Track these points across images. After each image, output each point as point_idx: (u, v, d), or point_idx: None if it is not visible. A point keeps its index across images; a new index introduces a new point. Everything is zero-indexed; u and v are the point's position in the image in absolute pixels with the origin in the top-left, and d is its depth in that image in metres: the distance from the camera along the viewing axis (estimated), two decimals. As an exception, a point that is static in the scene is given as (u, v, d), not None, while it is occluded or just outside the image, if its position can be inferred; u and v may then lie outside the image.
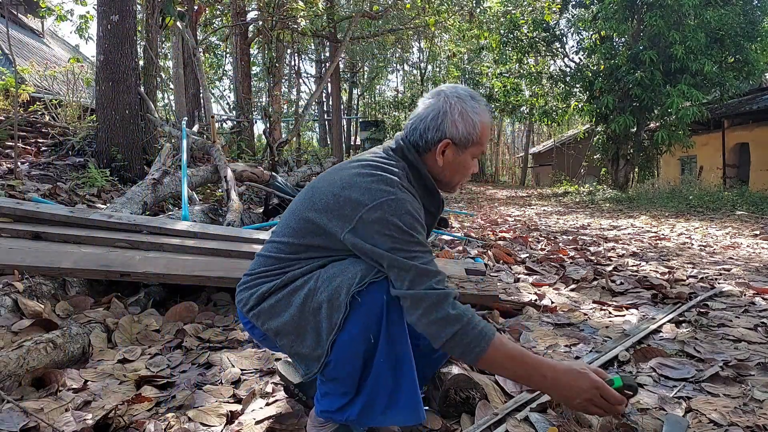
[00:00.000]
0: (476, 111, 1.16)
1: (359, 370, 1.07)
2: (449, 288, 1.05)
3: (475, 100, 1.18)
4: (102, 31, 5.05)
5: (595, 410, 1.05)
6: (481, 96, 1.22)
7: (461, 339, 1.01)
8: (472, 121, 1.16)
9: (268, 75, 11.33)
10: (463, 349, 1.02)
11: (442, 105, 1.16)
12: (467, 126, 1.15)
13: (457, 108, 1.15)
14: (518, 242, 4.72)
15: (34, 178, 4.50)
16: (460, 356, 1.04)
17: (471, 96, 1.18)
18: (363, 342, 1.05)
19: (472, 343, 1.02)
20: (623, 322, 2.18)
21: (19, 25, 13.20)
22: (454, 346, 1.02)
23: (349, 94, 24.28)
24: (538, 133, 32.72)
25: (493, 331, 1.04)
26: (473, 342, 1.02)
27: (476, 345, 1.02)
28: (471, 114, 1.16)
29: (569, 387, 1.04)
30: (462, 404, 1.34)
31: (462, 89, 1.19)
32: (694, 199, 9.42)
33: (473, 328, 1.02)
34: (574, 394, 1.04)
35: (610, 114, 12.44)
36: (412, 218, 1.05)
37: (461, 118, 1.15)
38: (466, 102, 1.16)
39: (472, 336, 1.02)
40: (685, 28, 10.95)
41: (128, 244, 2.46)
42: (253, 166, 5.66)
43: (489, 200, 12.87)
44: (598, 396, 1.04)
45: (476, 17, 13.97)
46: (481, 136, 1.18)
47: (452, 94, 1.17)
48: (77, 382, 1.52)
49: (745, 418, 1.28)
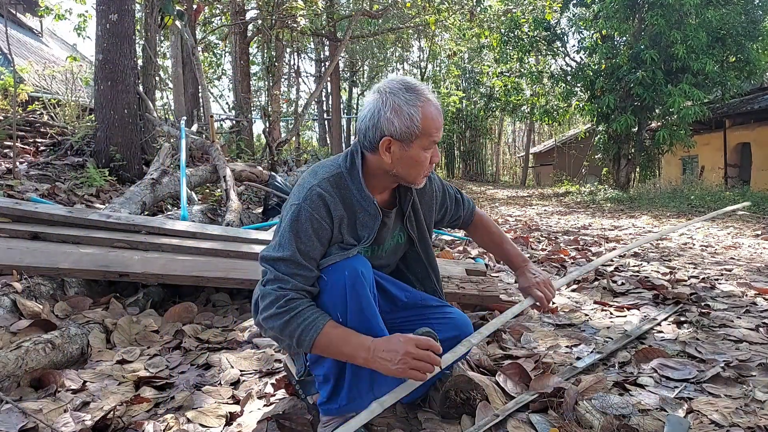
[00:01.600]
0: (411, 102, 1.12)
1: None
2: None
3: (411, 91, 1.13)
4: (101, 30, 5.04)
5: (416, 363, 1.03)
6: (422, 84, 1.16)
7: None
8: (408, 114, 1.11)
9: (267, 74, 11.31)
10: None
11: (376, 102, 1.13)
12: (403, 120, 1.11)
13: (390, 103, 1.12)
14: (519, 242, 4.71)
15: (33, 177, 4.49)
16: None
17: (406, 88, 1.13)
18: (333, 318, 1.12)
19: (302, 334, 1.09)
20: (624, 322, 2.17)
21: (18, 24, 13.19)
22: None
23: (349, 94, 24.27)
24: (539, 132, 32.70)
25: (322, 323, 1.09)
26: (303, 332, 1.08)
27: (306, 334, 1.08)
28: (405, 107, 1.11)
29: (387, 350, 1.05)
30: (462, 405, 1.34)
31: (397, 82, 1.15)
32: (696, 199, 9.41)
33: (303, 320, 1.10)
34: (392, 355, 1.04)
35: (612, 113, 12.41)
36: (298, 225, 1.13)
37: (394, 113, 1.11)
38: (399, 95, 1.12)
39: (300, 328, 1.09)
40: (687, 27, 10.92)
41: (127, 244, 2.45)
42: (253, 166, 5.65)
43: (490, 200, 12.86)
44: (413, 346, 1.04)
45: (477, 16, 13.95)
46: (423, 127, 1.13)
47: (386, 89, 1.14)
48: (76, 383, 1.51)
49: (747, 419, 1.28)
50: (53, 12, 9.09)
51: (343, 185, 1.18)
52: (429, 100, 1.14)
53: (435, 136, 1.16)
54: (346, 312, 1.12)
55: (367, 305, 1.13)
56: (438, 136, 1.17)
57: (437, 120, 1.15)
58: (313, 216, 1.13)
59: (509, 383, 1.49)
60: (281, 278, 1.12)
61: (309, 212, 1.13)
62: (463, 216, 1.53)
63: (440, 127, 1.17)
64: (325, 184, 1.16)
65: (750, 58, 11.26)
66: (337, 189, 1.17)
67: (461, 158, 25.79)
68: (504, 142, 33.26)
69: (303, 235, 1.12)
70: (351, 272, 1.12)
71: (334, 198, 1.16)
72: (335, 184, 1.18)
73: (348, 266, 1.13)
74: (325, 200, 1.15)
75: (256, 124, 13.53)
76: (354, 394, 1.12)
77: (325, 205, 1.15)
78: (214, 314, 2.26)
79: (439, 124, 1.16)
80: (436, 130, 1.15)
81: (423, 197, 1.36)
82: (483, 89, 22.64)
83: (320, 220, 1.14)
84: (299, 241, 1.12)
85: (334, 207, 1.15)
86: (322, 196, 1.14)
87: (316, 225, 1.13)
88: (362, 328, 1.11)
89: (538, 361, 1.67)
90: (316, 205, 1.14)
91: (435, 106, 1.15)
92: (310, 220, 1.13)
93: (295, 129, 10.66)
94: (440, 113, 1.17)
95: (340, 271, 1.13)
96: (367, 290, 1.13)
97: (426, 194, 1.37)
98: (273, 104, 9.46)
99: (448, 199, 1.48)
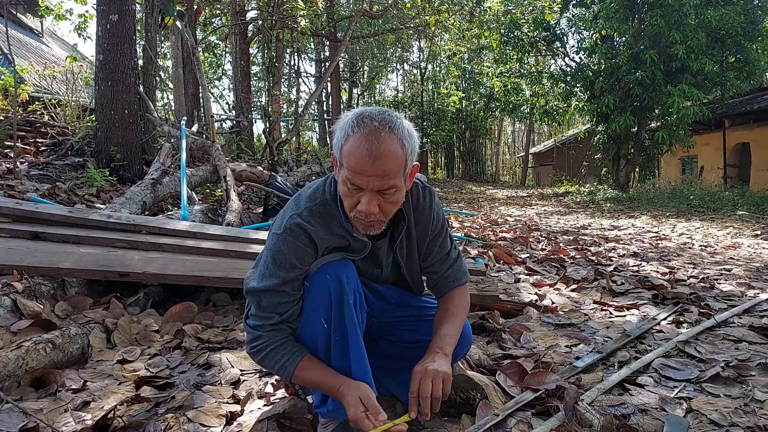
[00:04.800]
0: (344, 128, 1.05)
1: (324, 359, 1.15)
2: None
3: (356, 119, 1.04)
4: (101, 31, 5.04)
5: (364, 420, 1.03)
6: (386, 122, 1.03)
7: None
8: (337, 137, 1.07)
9: (267, 74, 11.31)
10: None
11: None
12: (336, 140, 1.07)
13: (342, 119, 1.09)
14: (519, 242, 4.71)
15: (33, 177, 4.50)
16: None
17: (359, 114, 1.05)
18: (318, 325, 1.13)
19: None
20: (624, 322, 2.17)
21: (19, 25, 13.19)
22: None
23: (349, 94, 24.26)
24: (538, 132, 32.71)
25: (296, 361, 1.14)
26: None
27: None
28: (339, 129, 1.07)
29: (348, 402, 1.06)
30: (462, 405, 1.34)
31: (365, 108, 1.08)
32: (695, 199, 9.41)
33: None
34: (350, 408, 1.05)
35: (611, 114, 12.42)
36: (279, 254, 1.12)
37: (336, 132, 1.08)
38: (349, 116, 1.07)
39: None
40: (686, 27, 10.93)
41: (127, 244, 2.46)
42: (253, 166, 5.65)
43: (489, 200, 12.86)
44: (363, 414, 1.03)
45: (477, 17, 13.94)
46: (343, 155, 1.04)
47: (355, 109, 1.10)
48: (76, 383, 1.52)
49: (746, 419, 1.28)
50: (53, 12, 9.11)
51: (329, 213, 1.14)
52: (364, 135, 1.01)
53: (354, 178, 1.03)
54: (330, 318, 1.12)
55: (349, 318, 1.12)
56: (358, 180, 1.03)
57: (360, 159, 1.00)
58: (295, 244, 1.12)
59: (509, 383, 1.49)
60: (262, 315, 1.14)
61: (291, 241, 1.11)
62: (440, 279, 1.33)
63: (362, 170, 1.01)
64: (306, 215, 1.13)
65: (749, 58, 11.28)
66: (321, 218, 1.14)
67: (461, 158, 25.79)
68: (504, 142, 33.26)
69: (286, 263, 1.12)
70: (333, 277, 1.12)
71: (316, 228, 1.13)
72: (318, 213, 1.14)
73: (329, 270, 1.13)
74: (306, 230, 1.12)
75: (256, 124, 13.56)
76: (338, 402, 1.13)
77: (307, 234, 1.12)
78: (215, 314, 2.26)
79: (360, 167, 1.01)
80: (355, 169, 1.02)
81: (420, 218, 1.26)
82: (483, 90, 22.62)
83: (303, 247, 1.12)
84: (281, 270, 1.11)
85: (317, 236, 1.13)
86: (302, 226, 1.12)
87: (300, 253, 1.12)
88: (340, 335, 1.13)
89: (537, 361, 1.67)
90: (297, 234, 1.12)
91: (369, 146, 1.00)
92: (293, 248, 1.11)
93: (296, 129, 10.66)
94: (371, 156, 1.00)
95: (321, 276, 1.13)
96: (350, 299, 1.13)
97: (423, 217, 1.26)
98: (273, 104, 9.45)
99: (439, 246, 1.32)
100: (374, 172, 1.01)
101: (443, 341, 1.18)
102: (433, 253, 1.32)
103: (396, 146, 1.03)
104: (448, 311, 1.28)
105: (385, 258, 1.30)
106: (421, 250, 1.31)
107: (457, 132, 24.61)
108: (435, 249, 1.32)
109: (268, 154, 7.88)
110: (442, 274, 1.33)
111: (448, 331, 1.22)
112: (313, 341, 1.16)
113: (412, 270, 1.34)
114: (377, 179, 1.02)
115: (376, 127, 1.02)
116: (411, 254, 1.30)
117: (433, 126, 23.52)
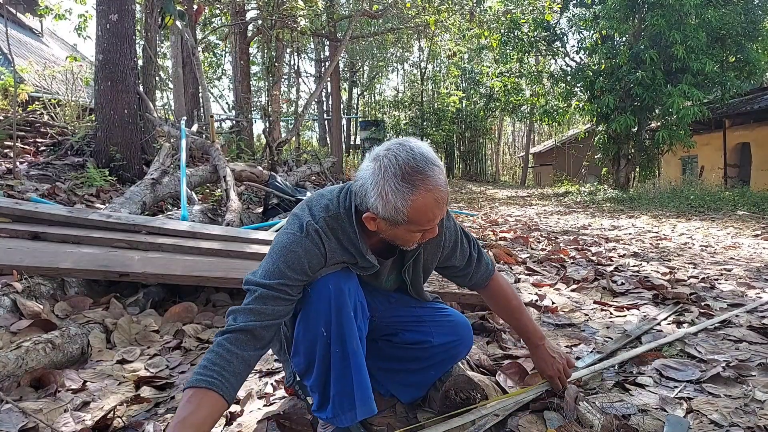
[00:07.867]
0: (400, 194, 1.00)
1: (321, 367, 1.14)
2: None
3: (406, 181, 1.00)
4: (101, 31, 5.04)
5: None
6: (428, 164, 1.01)
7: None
8: (393, 205, 1.01)
9: (267, 74, 11.31)
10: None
11: (369, 177, 1.04)
12: (387, 209, 1.02)
13: (379, 187, 1.02)
14: (519, 242, 4.71)
15: (33, 177, 4.50)
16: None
17: (403, 174, 1.00)
18: (317, 334, 1.12)
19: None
20: (624, 322, 2.17)
21: (18, 24, 13.18)
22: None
23: (349, 94, 24.27)
24: (538, 132, 32.70)
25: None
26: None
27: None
28: (392, 197, 1.01)
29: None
30: (462, 405, 1.34)
31: (398, 161, 1.01)
32: (695, 199, 9.40)
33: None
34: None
35: (611, 113, 12.41)
36: (292, 257, 1.09)
37: (380, 200, 1.02)
38: (390, 182, 1.00)
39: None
40: (686, 27, 10.93)
41: (127, 244, 2.45)
42: (253, 166, 5.65)
43: (489, 200, 12.85)
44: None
45: (477, 16, 13.93)
46: (411, 218, 1.03)
47: (382, 164, 1.02)
48: (76, 383, 1.52)
49: (746, 419, 1.28)
50: (53, 12, 9.09)
51: (341, 228, 1.13)
52: (427, 190, 1.01)
53: (426, 226, 1.06)
54: (330, 328, 1.11)
55: (349, 329, 1.12)
56: (431, 225, 1.07)
57: (431, 212, 1.03)
58: (311, 248, 1.10)
59: (509, 383, 1.49)
60: (254, 310, 1.06)
61: (307, 244, 1.09)
62: (473, 277, 1.39)
63: (435, 217, 1.05)
64: (323, 225, 1.11)
65: (750, 58, 11.27)
66: (333, 232, 1.12)
67: (461, 158, 25.78)
68: (504, 142, 33.26)
69: (296, 265, 1.09)
70: (335, 287, 1.11)
71: (330, 240, 1.12)
72: (332, 227, 1.12)
73: (332, 280, 1.12)
74: (321, 237, 1.10)
75: (256, 124, 13.55)
76: (337, 411, 1.13)
77: (323, 243, 1.11)
78: (214, 314, 2.26)
79: (432, 216, 1.04)
80: (427, 221, 1.05)
81: (428, 243, 1.24)
82: (483, 89, 22.63)
83: (317, 254, 1.10)
84: (290, 270, 1.08)
85: (329, 248, 1.12)
86: (318, 232, 1.10)
87: (312, 258, 1.10)
88: (340, 347, 1.12)
89: (538, 361, 1.67)
90: (315, 240, 1.10)
91: (435, 197, 1.02)
92: (307, 251, 1.09)
93: (295, 129, 10.65)
94: (439, 203, 1.03)
95: (324, 285, 1.12)
96: (350, 309, 1.12)
97: (433, 240, 1.23)
98: (273, 104, 9.44)
99: (459, 254, 1.35)
100: (441, 212, 1.07)
101: (536, 333, 1.45)
102: (455, 266, 1.37)
103: (443, 174, 1.05)
104: (513, 305, 1.43)
105: (386, 275, 1.31)
106: (428, 269, 1.34)
107: (457, 132, 24.61)
108: (455, 263, 1.36)
109: (268, 154, 7.88)
110: (472, 274, 1.40)
111: (530, 324, 1.45)
112: (311, 347, 1.14)
113: (417, 285, 1.35)
114: (440, 216, 1.08)
115: (423, 177, 1.01)
116: (417, 272, 1.32)
117: (433, 126, 23.52)
